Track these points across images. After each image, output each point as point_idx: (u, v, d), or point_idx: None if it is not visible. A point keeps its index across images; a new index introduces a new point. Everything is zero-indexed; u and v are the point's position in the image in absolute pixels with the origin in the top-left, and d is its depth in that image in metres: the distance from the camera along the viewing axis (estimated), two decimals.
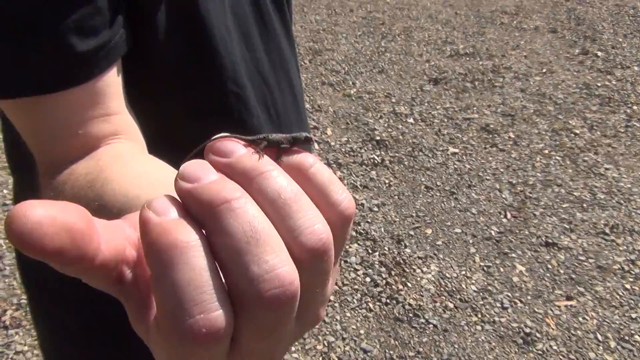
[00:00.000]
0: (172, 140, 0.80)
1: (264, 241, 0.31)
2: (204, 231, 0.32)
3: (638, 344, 2.25)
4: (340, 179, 3.33)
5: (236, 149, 0.36)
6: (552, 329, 2.33)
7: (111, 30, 0.63)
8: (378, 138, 3.68)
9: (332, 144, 3.65)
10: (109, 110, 0.65)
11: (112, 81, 0.65)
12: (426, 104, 4.11)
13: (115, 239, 0.33)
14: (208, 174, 0.34)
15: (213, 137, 0.37)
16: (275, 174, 0.35)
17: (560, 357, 2.21)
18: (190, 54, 0.77)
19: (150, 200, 0.33)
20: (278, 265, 0.31)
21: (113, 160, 0.62)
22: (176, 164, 0.59)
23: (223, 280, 0.31)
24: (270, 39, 0.91)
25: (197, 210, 0.32)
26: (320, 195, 0.36)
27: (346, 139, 3.71)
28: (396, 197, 3.18)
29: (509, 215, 2.99)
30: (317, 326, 2.12)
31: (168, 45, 0.74)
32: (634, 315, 2.38)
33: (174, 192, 0.34)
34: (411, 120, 3.91)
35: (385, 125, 3.85)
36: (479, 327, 2.36)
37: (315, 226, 0.34)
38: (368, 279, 2.61)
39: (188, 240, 0.31)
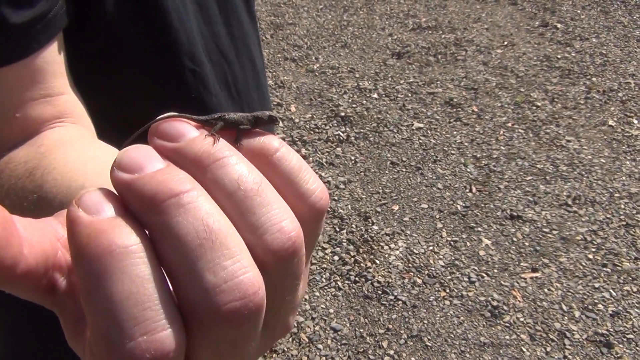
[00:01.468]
0: (129, 124, 0.74)
1: (220, 243, 0.26)
2: (147, 232, 0.27)
3: (601, 313, 2.30)
4: (305, 156, 3.30)
5: (186, 130, 0.31)
6: (519, 301, 2.37)
7: (49, 0, 0.57)
8: (343, 114, 3.64)
9: (297, 120, 3.59)
10: (51, 90, 0.59)
11: (53, 58, 0.59)
12: (390, 79, 4.08)
13: (43, 242, 0.27)
14: (152, 162, 0.28)
15: (158, 117, 0.32)
16: (233, 160, 0.30)
17: (527, 328, 2.25)
18: (141, 29, 0.71)
19: (80, 195, 0.27)
20: (238, 271, 0.26)
21: (56, 145, 0.56)
22: None
23: (172, 292, 0.26)
24: (229, 11, 0.85)
25: (139, 206, 0.27)
26: (288, 185, 0.32)
27: (310, 115, 3.65)
28: (362, 173, 3.16)
29: (474, 189, 3.01)
30: None
31: (117, 19, 0.68)
32: (596, 285, 2.43)
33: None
34: (375, 96, 3.88)
35: (350, 100, 3.81)
36: (447, 302, 2.38)
37: (282, 222, 0.29)
38: (336, 257, 2.60)
39: (126, 244, 0.25)
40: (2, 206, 0.52)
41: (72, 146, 0.56)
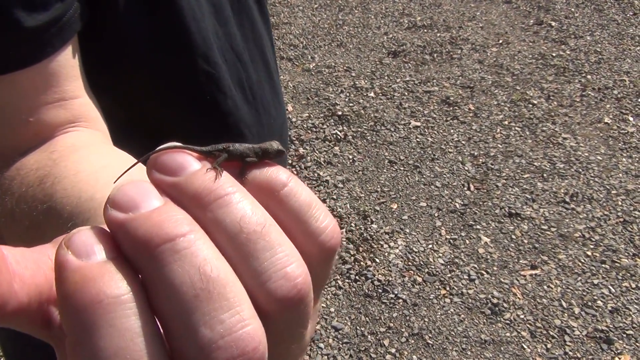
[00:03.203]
0: (143, 128, 0.74)
1: (218, 294, 0.24)
2: (140, 276, 0.25)
3: (601, 309, 2.32)
4: (303, 155, 3.31)
5: (187, 163, 0.28)
6: (519, 298, 2.38)
7: (64, 3, 0.56)
8: (340, 113, 3.64)
9: (294, 120, 3.59)
10: (65, 94, 0.58)
11: (68, 61, 0.59)
12: (386, 78, 4.09)
13: (37, 275, 0.25)
14: (148, 200, 0.26)
15: (158, 148, 0.29)
16: (235, 198, 0.27)
17: (528, 325, 2.26)
18: (153, 29, 0.70)
19: (71, 235, 0.25)
20: (237, 325, 0.24)
21: (68, 152, 0.54)
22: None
23: (165, 345, 0.24)
24: (242, 12, 0.84)
25: (132, 250, 0.25)
26: (296, 223, 0.29)
27: (307, 114, 3.65)
28: (360, 172, 3.16)
29: (472, 187, 3.02)
30: None
31: (129, 21, 0.67)
32: (595, 282, 2.44)
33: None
34: (372, 94, 3.88)
35: (347, 99, 3.81)
36: (447, 300, 2.38)
37: (287, 267, 0.27)
38: (336, 256, 2.59)
39: (116, 294, 0.23)
40: (13, 215, 0.51)
41: (85, 153, 0.55)
